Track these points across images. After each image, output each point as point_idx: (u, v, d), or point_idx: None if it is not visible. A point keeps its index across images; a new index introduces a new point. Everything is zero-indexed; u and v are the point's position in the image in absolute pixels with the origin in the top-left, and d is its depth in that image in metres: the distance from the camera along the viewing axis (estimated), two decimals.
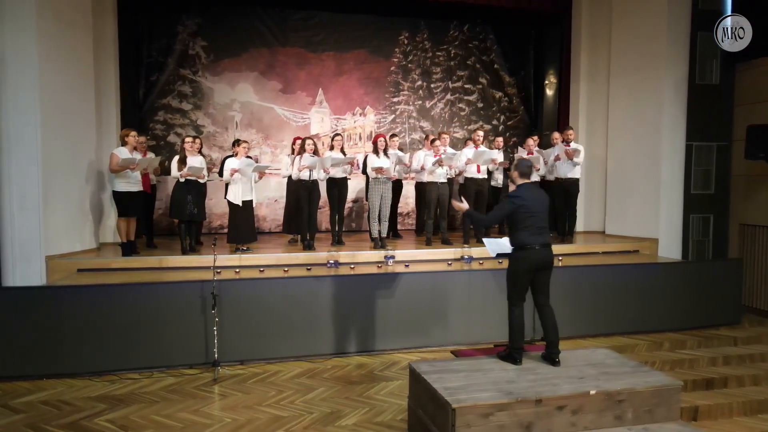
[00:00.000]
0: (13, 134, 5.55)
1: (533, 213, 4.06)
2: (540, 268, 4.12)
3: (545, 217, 4.16)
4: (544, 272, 4.15)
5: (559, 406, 3.34)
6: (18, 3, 5.46)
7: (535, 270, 4.11)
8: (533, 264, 4.08)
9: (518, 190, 4.19)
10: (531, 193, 4.15)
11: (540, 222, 4.09)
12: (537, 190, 4.28)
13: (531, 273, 4.11)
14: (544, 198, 4.24)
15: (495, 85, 9.83)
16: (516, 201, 4.11)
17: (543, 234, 4.11)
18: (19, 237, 5.62)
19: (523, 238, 4.06)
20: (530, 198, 4.10)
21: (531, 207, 4.06)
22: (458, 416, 3.17)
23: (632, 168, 7.94)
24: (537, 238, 4.06)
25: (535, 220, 4.07)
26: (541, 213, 4.11)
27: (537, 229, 4.07)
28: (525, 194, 4.12)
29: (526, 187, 4.17)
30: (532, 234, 4.06)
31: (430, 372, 3.72)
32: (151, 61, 8.42)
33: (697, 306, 6.62)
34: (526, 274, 4.12)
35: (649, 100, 7.65)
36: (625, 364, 3.92)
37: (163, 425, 4.06)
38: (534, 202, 4.09)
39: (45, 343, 4.96)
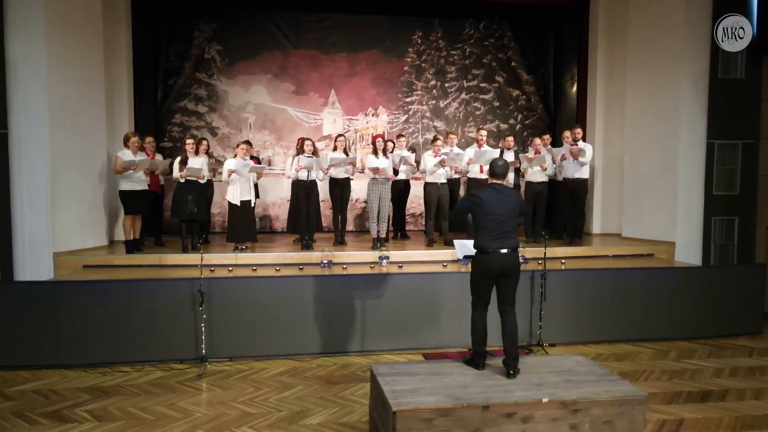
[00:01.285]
0: (23, 137, 5.88)
1: (493, 215, 3.89)
2: (501, 275, 3.95)
3: (511, 220, 3.96)
4: (508, 279, 3.97)
5: (508, 413, 3.23)
6: (27, 12, 5.79)
7: (496, 276, 3.95)
8: (492, 270, 3.93)
9: (481, 190, 4.08)
10: (494, 194, 3.96)
11: (504, 226, 3.90)
12: (505, 192, 4.04)
13: (491, 279, 3.97)
14: (512, 201, 4.00)
15: (512, 83, 9.61)
16: (473, 200, 4.00)
17: (506, 239, 3.91)
18: (28, 234, 5.95)
19: (482, 241, 3.93)
20: (491, 199, 3.92)
21: (490, 209, 3.89)
22: (399, 420, 3.12)
23: (648, 168, 7.58)
24: (498, 243, 3.88)
25: (495, 224, 3.89)
26: (504, 216, 3.91)
27: (498, 233, 3.89)
28: (485, 195, 3.96)
29: (492, 188, 4.02)
30: (492, 238, 3.89)
31: (386, 374, 3.69)
32: (169, 65, 8.72)
33: (714, 314, 6.27)
34: (484, 280, 3.98)
35: (665, 96, 7.29)
36: (593, 373, 3.75)
37: (136, 417, 4.20)
38: (495, 205, 3.90)
39: (45, 335, 5.21)
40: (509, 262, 3.93)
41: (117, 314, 5.32)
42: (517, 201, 4.08)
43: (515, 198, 4.06)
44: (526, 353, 5.63)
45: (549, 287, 5.94)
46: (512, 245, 3.94)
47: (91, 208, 6.58)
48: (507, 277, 3.95)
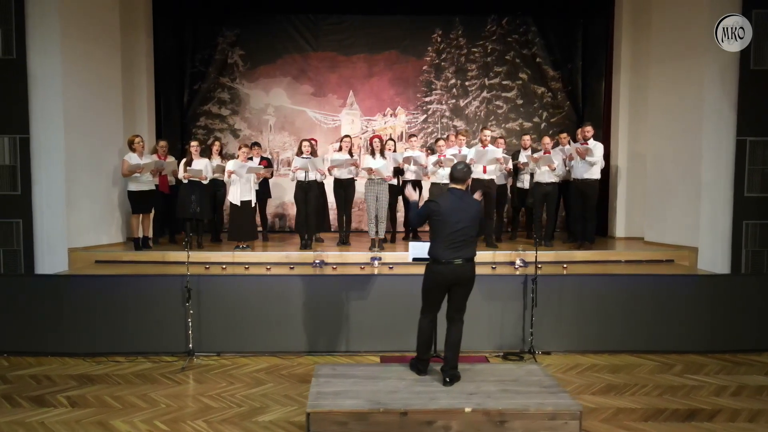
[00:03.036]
0: (42, 141, 6.36)
1: (448, 223, 3.76)
2: (453, 284, 3.83)
3: (468, 229, 3.81)
4: (459, 288, 3.85)
5: (428, 420, 3.14)
6: (46, 25, 6.26)
7: (447, 285, 3.84)
8: (444, 279, 3.81)
9: (440, 196, 3.98)
10: (452, 200, 3.82)
11: (460, 235, 3.76)
12: (465, 199, 3.88)
13: (442, 288, 3.85)
14: (471, 209, 3.85)
15: (537, 80, 9.26)
16: (430, 206, 3.88)
17: (461, 248, 3.77)
18: (47, 231, 6.43)
19: (435, 249, 3.81)
20: (448, 206, 3.78)
21: (446, 216, 3.76)
22: (313, 421, 3.12)
23: (671, 167, 7.06)
24: (451, 253, 3.75)
25: (450, 232, 3.75)
26: (461, 224, 3.76)
27: (453, 242, 3.76)
28: (443, 201, 3.84)
29: (451, 193, 3.89)
30: (447, 247, 3.76)
31: (323, 375, 3.70)
32: (195, 71, 9.13)
33: (734, 326, 5.79)
34: (435, 288, 3.87)
35: (688, 90, 6.76)
36: (539, 384, 3.56)
37: (106, 405, 4.44)
38: (452, 212, 3.76)
39: (52, 325, 5.63)
40: (462, 273, 3.80)
41: (116, 307, 5.66)
42: (476, 209, 3.92)
43: (474, 206, 3.91)
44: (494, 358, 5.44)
45: (548, 293, 5.71)
46: (467, 255, 3.80)
47: (106, 207, 7.00)
48: (459, 286, 3.84)
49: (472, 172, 4.60)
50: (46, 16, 6.28)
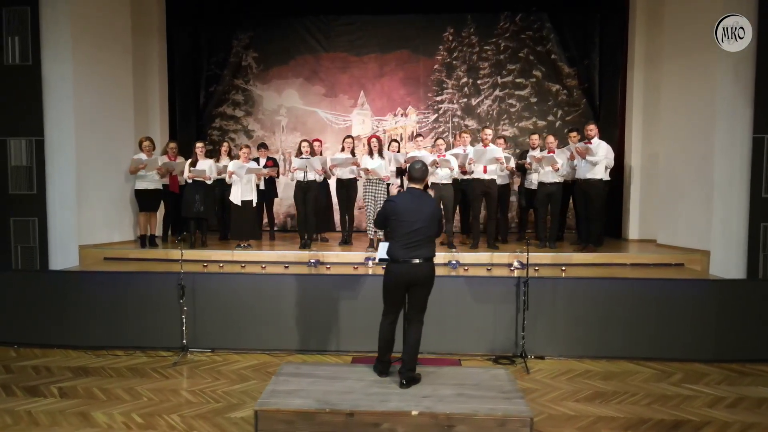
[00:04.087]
0: (55, 143, 6.68)
1: (405, 222, 3.74)
2: (411, 284, 3.80)
3: (425, 228, 3.77)
4: (418, 288, 3.81)
5: (374, 422, 3.12)
6: (57, 31, 6.58)
7: (405, 285, 3.81)
8: (400, 279, 3.79)
9: (397, 195, 3.94)
10: (409, 200, 3.80)
11: (416, 234, 3.74)
12: (422, 198, 3.85)
13: (400, 288, 3.83)
14: (428, 208, 3.82)
15: (551, 77, 9.04)
16: (386, 205, 3.87)
17: (417, 248, 3.74)
18: (59, 229, 6.74)
19: (392, 249, 3.80)
20: (405, 205, 3.77)
21: (403, 216, 3.75)
22: (260, 419, 3.16)
23: (683, 167, 6.76)
24: (408, 252, 3.73)
25: (407, 231, 3.74)
26: (417, 224, 3.74)
27: (410, 242, 3.74)
28: (400, 200, 3.82)
29: (408, 192, 3.87)
30: (403, 246, 3.75)
31: (284, 374, 3.74)
32: (210, 73, 9.37)
33: (744, 335, 5.49)
34: (393, 289, 3.85)
35: (700, 86, 6.46)
36: (500, 389, 3.48)
37: (93, 396, 4.61)
38: (409, 211, 3.74)
39: (59, 319, 5.89)
40: (420, 273, 3.77)
41: (117, 303, 5.86)
42: (433, 208, 3.88)
43: (430, 205, 3.87)
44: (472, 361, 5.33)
45: (543, 296, 5.57)
46: (425, 255, 3.77)
47: (118, 206, 7.27)
48: (417, 286, 3.81)
49: (429, 172, 4.52)
50: (59, 23, 6.58)
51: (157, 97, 8.11)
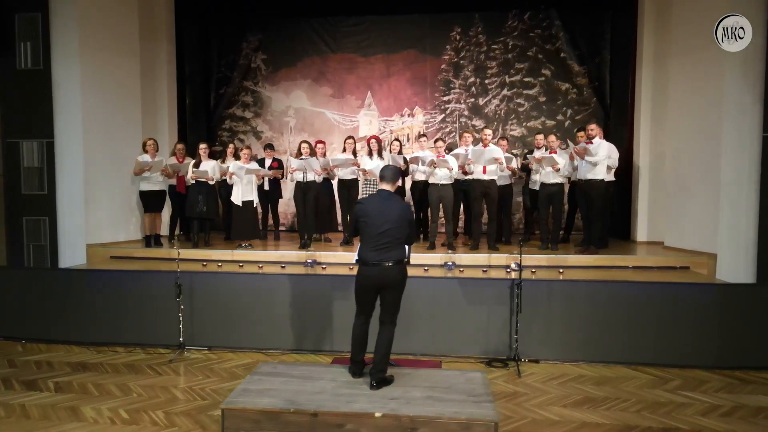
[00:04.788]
0: (64, 145, 6.90)
1: (374, 225, 3.75)
2: (380, 287, 3.79)
3: (393, 231, 3.75)
4: (388, 291, 3.80)
5: (338, 423, 3.13)
6: (66, 36, 6.81)
7: (376, 288, 3.80)
8: (369, 282, 3.80)
9: (366, 197, 3.95)
10: (378, 202, 3.80)
11: (384, 236, 3.73)
12: (391, 200, 3.83)
13: (370, 290, 3.82)
14: (396, 210, 3.79)
15: (561, 76, 8.88)
16: (356, 208, 3.90)
17: (387, 250, 3.73)
18: (68, 228, 6.96)
19: (361, 252, 3.82)
20: (373, 208, 3.78)
21: (370, 218, 3.76)
22: (227, 418, 3.20)
23: (690, 167, 6.56)
24: (377, 255, 3.73)
25: (376, 233, 3.74)
26: (386, 226, 3.73)
27: (378, 244, 3.73)
28: (368, 202, 3.84)
29: (378, 194, 3.87)
30: (370, 249, 3.76)
31: (260, 373, 3.77)
32: (221, 75, 9.51)
33: (750, 341, 5.31)
34: (363, 291, 3.86)
35: (708, 84, 6.25)
36: (471, 393, 3.44)
37: (86, 391, 4.74)
38: (376, 213, 3.74)
39: (64, 314, 6.06)
40: (390, 275, 3.76)
41: (118, 300, 6.01)
42: (402, 211, 3.85)
43: (401, 208, 3.85)
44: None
45: (539, 299, 5.48)
46: (393, 257, 3.76)
47: (125, 207, 7.45)
48: (387, 289, 3.80)
49: (401, 174, 4.50)
50: (67, 28, 6.80)
51: (165, 99, 8.28)
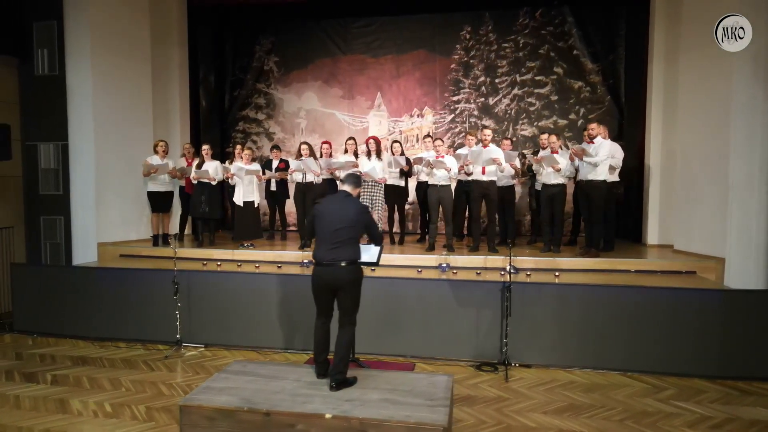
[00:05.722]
0: (77, 147, 7.19)
1: (327, 224, 3.81)
2: (332, 287, 3.82)
3: (346, 231, 3.79)
4: (342, 292, 3.82)
5: (290, 423, 3.16)
6: (79, 43, 7.08)
7: (330, 288, 3.83)
8: (323, 282, 3.84)
9: (325, 198, 4.02)
10: (333, 203, 3.88)
11: (337, 236, 3.77)
12: (347, 201, 3.88)
13: (324, 290, 3.86)
14: (351, 212, 3.83)
15: (573, 74, 8.66)
16: (313, 210, 3.97)
17: (335, 251, 3.77)
18: (80, 227, 7.25)
19: (315, 252, 3.87)
20: (328, 207, 3.86)
21: (325, 216, 3.83)
22: (184, 414, 3.27)
23: (698, 167, 6.29)
24: (330, 255, 3.78)
25: (329, 234, 3.79)
26: (338, 225, 3.78)
27: (331, 245, 3.78)
28: (324, 204, 3.92)
29: (336, 196, 3.94)
30: (324, 249, 3.81)
31: (228, 371, 3.84)
32: (234, 78, 9.72)
33: (755, 350, 5.06)
34: (318, 291, 3.90)
35: (717, 81, 5.98)
36: (431, 396, 3.40)
37: (80, 384, 4.93)
38: (331, 213, 3.82)
39: (72, 310, 6.32)
40: (342, 276, 3.79)
41: (122, 297, 6.23)
42: (358, 212, 3.87)
43: (357, 209, 3.88)
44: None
45: (532, 303, 5.38)
46: (343, 257, 3.79)
47: (135, 207, 7.69)
48: (341, 289, 3.84)
49: (361, 179, 4.52)
50: (80, 35, 7.07)
51: (177, 102, 8.50)
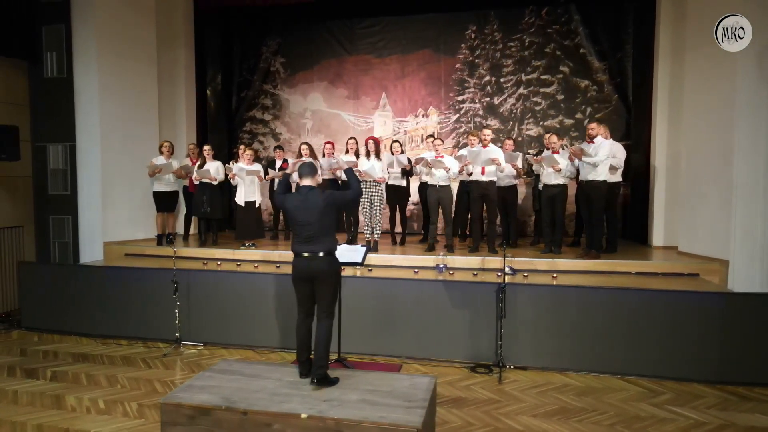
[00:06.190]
0: (84, 148, 7.34)
1: (296, 219, 3.89)
2: (307, 279, 3.90)
3: (315, 224, 3.85)
4: (319, 284, 3.89)
5: (266, 422, 3.18)
6: (86, 46, 7.22)
7: (307, 280, 3.90)
8: (300, 273, 3.92)
9: (290, 194, 4.09)
10: (297, 198, 3.93)
11: (308, 229, 3.86)
12: (310, 194, 3.92)
13: (302, 282, 3.93)
14: (314, 204, 3.87)
15: (580, 72, 8.55)
16: (282, 207, 4.03)
17: (311, 243, 3.86)
18: (87, 226, 7.40)
19: (292, 245, 3.96)
20: (293, 203, 3.92)
21: (291, 212, 3.92)
22: (164, 412, 3.32)
23: (702, 167, 6.16)
24: (303, 247, 3.88)
25: (300, 227, 3.88)
26: (306, 218, 3.85)
27: (303, 237, 3.87)
28: (290, 199, 3.98)
29: (299, 191, 3.99)
30: (298, 242, 3.91)
31: (215, 369, 3.89)
32: (242, 79, 9.82)
33: (758, 355, 4.93)
34: (296, 283, 3.98)
35: (721, 78, 5.84)
36: (410, 398, 3.38)
37: (77, 381, 5.02)
38: (297, 208, 3.89)
39: (77, 307, 6.44)
40: (315, 266, 3.87)
41: (124, 295, 6.33)
42: (323, 201, 3.90)
43: (321, 200, 3.91)
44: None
45: (526, 305, 5.33)
46: (318, 249, 3.87)
47: (141, 206, 7.81)
48: (317, 281, 3.90)
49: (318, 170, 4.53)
50: (87, 38, 7.22)
51: (184, 104, 8.63)
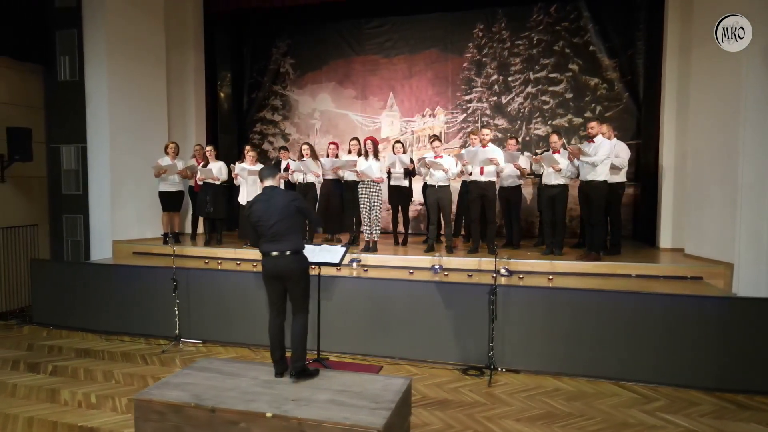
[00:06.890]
0: (95, 149, 7.55)
1: (261, 219, 3.92)
2: (277, 278, 3.93)
3: (281, 224, 3.89)
4: (289, 282, 3.94)
5: (233, 421, 3.22)
6: (96, 49, 7.43)
7: (277, 279, 3.94)
8: (266, 273, 3.96)
9: (254, 197, 4.14)
10: (262, 199, 3.99)
11: (274, 228, 3.89)
12: (273, 195, 3.99)
13: (272, 282, 3.96)
14: (279, 204, 3.92)
15: (589, 70, 8.37)
16: (247, 211, 4.07)
17: (278, 241, 3.90)
18: (98, 225, 7.61)
19: (260, 245, 3.99)
20: (257, 205, 3.98)
21: (257, 213, 3.95)
22: (137, 408, 3.39)
23: (708, 167, 5.96)
24: (269, 246, 3.92)
25: (266, 228, 3.92)
26: (272, 219, 3.89)
27: (270, 237, 3.92)
28: (254, 201, 4.05)
29: (263, 192, 4.05)
30: (266, 241, 3.95)
31: (194, 367, 3.95)
32: (252, 81, 9.95)
33: (760, 362, 4.75)
34: (266, 283, 4.01)
35: (727, 76, 5.64)
36: (377, 399, 3.38)
37: (75, 375, 5.18)
38: (261, 210, 3.93)
39: (84, 304, 6.64)
40: (283, 265, 3.91)
41: (128, 292, 6.49)
42: (287, 202, 3.95)
43: (285, 199, 3.97)
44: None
45: (520, 307, 5.26)
46: (285, 248, 3.91)
47: (150, 206, 7.98)
48: (287, 280, 3.95)
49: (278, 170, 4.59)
50: (98, 42, 7.42)
51: (193, 105, 8.79)
